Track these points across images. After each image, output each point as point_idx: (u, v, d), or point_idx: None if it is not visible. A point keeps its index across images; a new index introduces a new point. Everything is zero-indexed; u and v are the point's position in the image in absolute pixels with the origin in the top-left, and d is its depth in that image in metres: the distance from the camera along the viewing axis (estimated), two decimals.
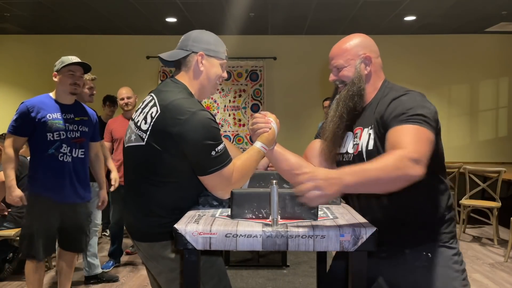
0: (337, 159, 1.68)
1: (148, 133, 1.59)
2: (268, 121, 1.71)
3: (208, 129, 1.54)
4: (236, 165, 1.60)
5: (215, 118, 1.61)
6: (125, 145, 1.72)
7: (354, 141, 1.62)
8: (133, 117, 1.74)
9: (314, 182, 1.22)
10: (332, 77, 1.69)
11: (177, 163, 1.57)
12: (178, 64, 1.74)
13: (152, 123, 1.59)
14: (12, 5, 5.45)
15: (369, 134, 1.55)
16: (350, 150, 1.63)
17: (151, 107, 1.63)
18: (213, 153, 1.54)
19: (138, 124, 1.65)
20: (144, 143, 1.60)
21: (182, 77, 1.71)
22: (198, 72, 1.70)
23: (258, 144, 1.67)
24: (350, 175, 1.25)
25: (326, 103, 4.96)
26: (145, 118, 1.62)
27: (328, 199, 1.28)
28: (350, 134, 1.65)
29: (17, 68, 7.05)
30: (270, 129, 1.70)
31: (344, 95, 1.62)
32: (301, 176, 1.24)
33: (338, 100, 1.65)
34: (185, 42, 1.75)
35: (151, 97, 1.68)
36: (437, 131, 1.48)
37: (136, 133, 1.65)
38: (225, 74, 1.77)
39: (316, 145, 1.79)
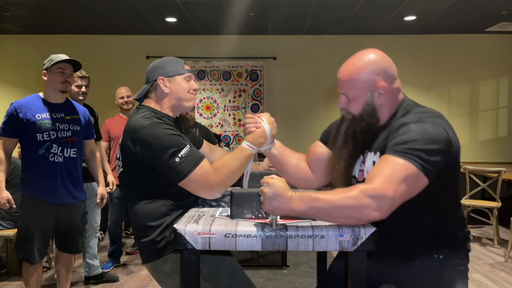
0: (349, 182, 1.55)
1: (121, 160, 1.71)
2: (257, 120, 1.68)
3: (163, 139, 1.57)
4: (216, 163, 1.62)
5: (171, 127, 1.63)
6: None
7: (360, 166, 1.52)
8: None
9: (265, 190, 1.28)
10: (341, 104, 1.50)
11: (155, 178, 1.62)
12: (146, 96, 1.82)
13: (120, 149, 1.71)
14: (12, 5, 5.45)
15: (373, 161, 1.46)
16: (357, 175, 1.54)
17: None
18: (177, 159, 1.55)
19: (118, 154, 1.77)
20: (123, 169, 1.72)
21: (148, 102, 1.79)
22: (164, 94, 1.76)
23: (244, 143, 1.66)
24: (299, 201, 1.26)
25: None
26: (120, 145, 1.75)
27: (270, 212, 1.29)
28: (361, 157, 1.53)
29: (17, 68, 7.06)
30: (257, 128, 1.67)
31: (352, 132, 1.47)
32: (262, 179, 1.31)
33: (346, 135, 1.49)
34: (146, 76, 1.81)
35: None
36: (446, 173, 1.34)
37: (117, 162, 1.78)
38: (193, 85, 1.80)
39: (319, 149, 1.73)
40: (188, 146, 1.59)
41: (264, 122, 1.67)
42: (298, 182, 1.76)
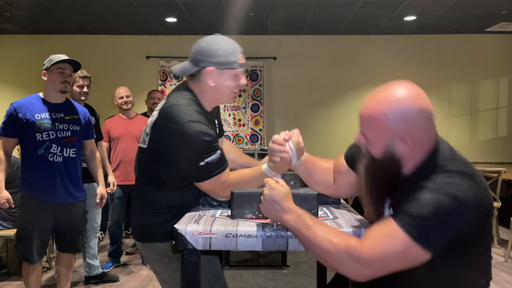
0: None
1: (149, 136, 1.64)
2: (285, 149, 1.51)
3: (195, 142, 1.51)
4: (233, 175, 1.61)
5: (208, 130, 1.55)
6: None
7: (388, 210, 1.35)
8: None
9: (265, 191, 1.28)
10: (359, 140, 1.30)
11: (174, 168, 1.61)
12: (190, 76, 1.69)
13: (151, 127, 1.63)
14: (12, 5, 5.45)
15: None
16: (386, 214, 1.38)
17: (156, 113, 1.67)
18: (202, 163, 1.53)
19: (145, 128, 1.70)
20: (145, 146, 1.65)
21: (193, 86, 1.68)
22: (208, 87, 1.64)
23: (265, 168, 1.57)
24: (293, 218, 1.24)
25: None
26: (151, 121, 1.67)
27: (263, 213, 1.31)
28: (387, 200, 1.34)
29: (17, 68, 7.05)
30: (281, 159, 1.51)
31: (372, 176, 1.30)
32: (266, 179, 1.32)
33: (366, 176, 1.32)
34: (195, 56, 1.65)
35: (159, 106, 1.70)
36: (458, 249, 1.16)
37: (143, 137, 1.70)
38: (242, 82, 1.68)
39: (343, 169, 1.55)
40: (218, 152, 1.55)
41: (292, 151, 1.51)
42: (324, 191, 1.64)
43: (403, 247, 1.11)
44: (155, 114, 1.65)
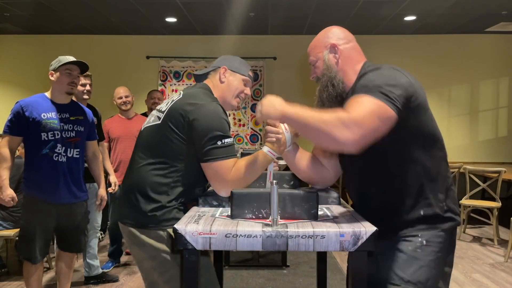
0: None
1: (165, 112, 1.70)
2: (278, 131, 1.66)
3: (219, 119, 1.64)
4: (238, 163, 1.64)
5: (227, 116, 1.72)
6: (142, 128, 1.83)
7: None
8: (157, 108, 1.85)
9: (262, 101, 1.46)
10: (312, 75, 1.69)
11: (184, 147, 1.64)
12: (206, 76, 1.91)
13: (171, 104, 1.71)
14: (12, 5, 5.45)
15: None
16: None
17: (176, 96, 1.78)
18: (219, 143, 1.61)
19: (160, 108, 1.78)
20: (160, 122, 1.70)
21: (208, 83, 1.87)
22: (220, 83, 1.85)
23: (265, 149, 1.69)
24: (293, 109, 1.40)
25: None
26: (167, 103, 1.76)
27: (263, 117, 1.47)
28: None
29: (17, 68, 7.06)
30: (277, 139, 1.65)
31: (319, 89, 1.62)
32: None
33: (316, 95, 1.64)
34: (214, 63, 1.93)
35: (179, 92, 1.81)
36: (414, 107, 1.43)
37: (155, 115, 1.76)
38: (247, 91, 1.90)
39: None
40: (232, 139, 1.67)
41: (286, 131, 1.67)
42: (313, 177, 1.77)
43: (378, 106, 1.36)
44: (175, 97, 1.75)
